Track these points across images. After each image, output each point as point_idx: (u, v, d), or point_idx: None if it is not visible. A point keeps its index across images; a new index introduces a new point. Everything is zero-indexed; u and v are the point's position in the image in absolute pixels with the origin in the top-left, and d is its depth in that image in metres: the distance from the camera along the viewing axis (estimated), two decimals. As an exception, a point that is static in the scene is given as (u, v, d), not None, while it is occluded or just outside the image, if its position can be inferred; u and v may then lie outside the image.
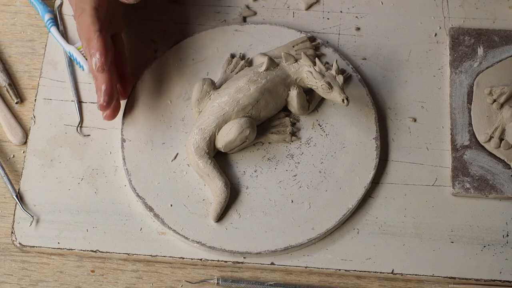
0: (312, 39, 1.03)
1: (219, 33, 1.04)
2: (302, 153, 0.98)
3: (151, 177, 0.97)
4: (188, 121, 0.99)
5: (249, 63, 1.02)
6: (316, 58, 0.95)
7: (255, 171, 0.97)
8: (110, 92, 0.94)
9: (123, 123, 0.99)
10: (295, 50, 1.01)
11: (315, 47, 1.03)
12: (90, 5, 0.94)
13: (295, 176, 0.97)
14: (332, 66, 0.96)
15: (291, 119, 0.99)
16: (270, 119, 0.98)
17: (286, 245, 0.93)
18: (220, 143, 0.95)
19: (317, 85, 0.95)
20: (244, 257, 0.93)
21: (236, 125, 0.94)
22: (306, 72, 0.96)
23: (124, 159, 0.97)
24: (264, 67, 0.96)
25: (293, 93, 0.96)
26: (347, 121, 0.99)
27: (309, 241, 0.93)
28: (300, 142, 0.98)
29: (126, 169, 0.97)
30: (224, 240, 0.93)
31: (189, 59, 1.03)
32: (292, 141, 0.98)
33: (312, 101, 0.98)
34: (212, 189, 0.95)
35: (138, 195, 0.95)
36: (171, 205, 0.95)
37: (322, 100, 1.00)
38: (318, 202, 0.95)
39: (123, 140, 0.98)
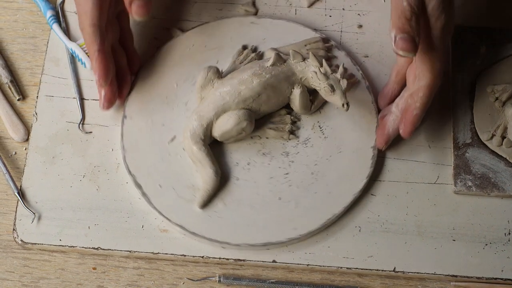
0: (325, 40, 1.03)
1: (235, 23, 1.04)
2: (298, 152, 0.97)
3: (145, 156, 0.97)
4: (191, 105, 0.99)
5: (260, 56, 1.02)
6: (323, 60, 0.95)
7: (248, 164, 0.97)
8: (109, 98, 0.97)
9: (127, 100, 1.00)
10: (307, 49, 1.01)
11: (327, 48, 1.02)
12: (88, 23, 0.94)
13: (287, 174, 0.96)
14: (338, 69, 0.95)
15: (292, 117, 0.99)
16: (271, 114, 0.98)
17: (265, 241, 0.93)
18: (217, 132, 0.95)
19: (320, 86, 0.95)
20: (223, 247, 0.93)
21: (234, 116, 0.94)
22: (311, 72, 0.95)
23: (122, 135, 0.98)
24: (270, 62, 0.96)
25: (296, 92, 0.96)
26: (348, 126, 0.98)
27: (289, 241, 0.93)
28: (298, 141, 0.98)
29: (123, 145, 0.97)
30: (206, 228, 0.93)
31: (202, 45, 1.03)
32: (289, 139, 0.98)
33: (315, 101, 0.98)
34: (202, 176, 0.95)
35: (129, 172, 0.96)
36: (160, 186, 0.96)
37: (326, 102, 1.00)
38: (305, 203, 0.95)
39: (124, 117, 0.99)
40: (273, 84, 0.96)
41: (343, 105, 0.94)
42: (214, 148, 0.97)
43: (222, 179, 0.96)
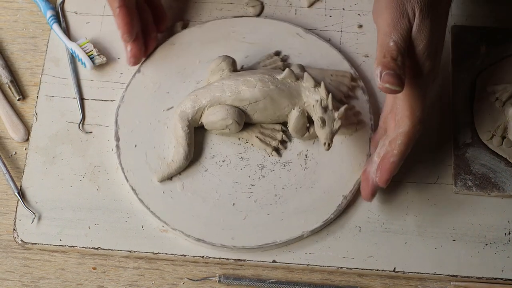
0: (354, 78, 1.00)
1: (282, 28, 1.04)
2: (273, 170, 0.97)
3: (137, 113, 0.99)
4: (200, 86, 1.00)
5: (285, 67, 1.00)
6: (330, 95, 0.92)
7: (223, 161, 0.97)
8: (135, 53, 0.99)
9: (148, 57, 1.01)
10: (331, 79, 0.99)
11: (352, 86, 1.00)
12: None
13: (252, 185, 0.96)
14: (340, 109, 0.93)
15: (283, 136, 0.98)
16: (266, 124, 0.98)
17: (199, 237, 0.93)
18: (204, 119, 0.96)
19: (315, 117, 0.93)
20: (163, 226, 0.94)
21: (223, 111, 0.95)
22: (314, 100, 0.94)
23: (127, 86, 1.00)
24: (281, 76, 0.95)
25: (294, 113, 0.95)
26: (331, 167, 0.97)
27: (221, 246, 0.93)
28: (278, 160, 0.97)
29: (123, 96, 0.99)
30: (154, 201, 0.95)
31: (242, 35, 1.03)
32: (271, 155, 0.97)
33: (311, 130, 0.96)
34: (174, 154, 0.96)
35: (116, 122, 0.98)
36: (135, 146, 0.97)
37: None
38: (254, 220, 0.94)
39: (138, 71, 1.01)
40: (274, 97, 0.95)
41: (324, 143, 0.91)
42: (201, 132, 0.98)
43: (193, 164, 0.96)
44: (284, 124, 0.98)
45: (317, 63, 1.02)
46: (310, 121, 0.96)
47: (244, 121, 0.96)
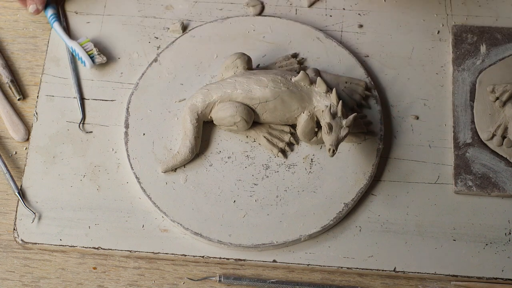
0: (368, 88, 1.00)
1: (303, 31, 1.04)
2: (277, 171, 0.97)
3: (149, 102, 0.99)
4: (215, 81, 1.00)
5: (302, 69, 1.00)
6: (340, 101, 0.92)
7: (229, 158, 0.97)
8: None
9: (166, 47, 1.02)
10: (345, 86, 0.99)
11: (365, 95, 1.00)
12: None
13: (255, 184, 0.96)
14: (348, 117, 0.93)
15: (291, 138, 0.98)
16: (275, 125, 0.98)
17: (197, 231, 0.93)
18: (213, 114, 0.96)
19: (323, 122, 0.93)
20: (162, 216, 0.94)
21: (233, 108, 0.95)
22: (324, 106, 0.94)
23: (143, 74, 1.01)
24: (295, 78, 0.95)
25: (303, 117, 0.95)
26: (336, 174, 0.97)
27: (218, 242, 0.93)
28: (284, 162, 0.97)
29: (138, 83, 1.00)
30: (156, 192, 0.95)
31: (261, 34, 1.04)
32: (277, 156, 0.97)
33: (319, 135, 0.96)
34: (180, 146, 0.96)
35: (127, 109, 0.99)
36: (144, 134, 0.98)
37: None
38: (253, 219, 0.94)
39: (155, 60, 1.01)
40: (284, 98, 0.94)
41: (329, 149, 0.91)
42: (210, 127, 0.98)
43: (198, 158, 0.97)
44: (293, 126, 0.98)
45: (334, 69, 1.02)
46: (319, 126, 0.96)
47: (253, 120, 0.96)
